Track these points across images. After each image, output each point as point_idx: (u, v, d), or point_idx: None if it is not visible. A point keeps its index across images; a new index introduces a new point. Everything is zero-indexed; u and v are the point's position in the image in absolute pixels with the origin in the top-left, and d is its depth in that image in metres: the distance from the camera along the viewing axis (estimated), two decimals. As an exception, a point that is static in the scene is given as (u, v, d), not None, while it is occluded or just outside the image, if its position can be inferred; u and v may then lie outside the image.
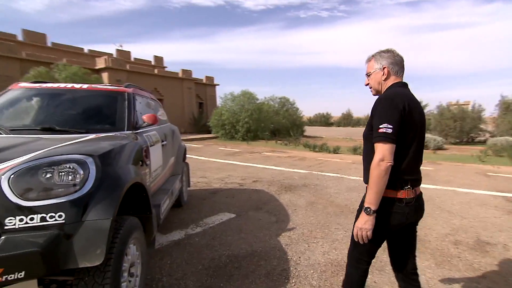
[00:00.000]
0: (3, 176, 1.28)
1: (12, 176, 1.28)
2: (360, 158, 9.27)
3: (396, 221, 1.39)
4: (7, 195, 1.24)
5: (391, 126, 1.29)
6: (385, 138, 1.29)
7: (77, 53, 21.01)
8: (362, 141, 1.55)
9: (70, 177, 1.39)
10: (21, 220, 1.23)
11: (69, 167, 1.41)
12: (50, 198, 1.31)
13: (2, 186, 1.25)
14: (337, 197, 4.74)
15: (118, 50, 24.39)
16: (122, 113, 2.43)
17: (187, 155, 4.74)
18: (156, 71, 20.91)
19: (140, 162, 2.11)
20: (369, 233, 1.33)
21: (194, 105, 23.02)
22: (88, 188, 1.43)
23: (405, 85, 1.50)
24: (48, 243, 1.21)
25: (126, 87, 2.79)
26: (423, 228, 3.38)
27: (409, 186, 1.38)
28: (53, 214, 1.28)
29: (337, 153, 10.71)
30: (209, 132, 19.01)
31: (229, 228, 3.34)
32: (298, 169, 7.30)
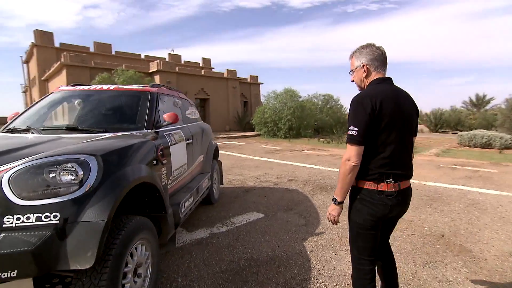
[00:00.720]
0: (5, 175, 1.33)
1: (12, 175, 1.33)
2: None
3: (380, 212, 1.46)
4: (6, 194, 1.29)
5: (356, 129, 1.38)
6: (350, 140, 1.40)
7: (135, 59, 22.87)
8: (413, 140, 1.59)
9: (68, 177, 1.41)
10: (18, 219, 1.27)
11: (69, 167, 1.42)
12: (47, 198, 1.33)
13: (3, 185, 1.30)
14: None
15: (170, 54, 25.93)
16: (142, 112, 2.46)
17: (228, 153, 4.75)
18: (202, 72, 21.75)
19: (154, 162, 2.10)
20: (336, 218, 1.54)
21: (239, 103, 23.41)
22: (87, 189, 1.43)
23: (386, 80, 1.51)
24: (40, 243, 1.23)
25: (151, 86, 2.84)
26: (477, 242, 2.90)
27: (390, 179, 1.44)
28: (48, 214, 1.30)
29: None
30: (253, 130, 19.16)
31: (254, 229, 3.24)
32: (338, 168, 6.89)
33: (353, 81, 1.62)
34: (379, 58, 1.50)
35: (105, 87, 2.70)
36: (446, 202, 4.18)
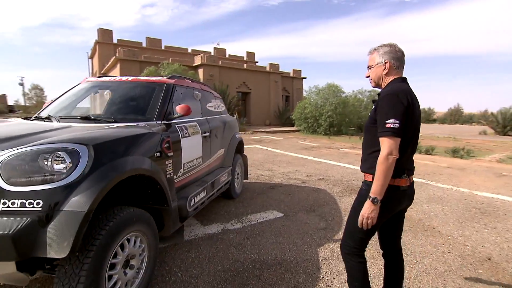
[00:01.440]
0: None
1: (2, 161, 1.38)
2: (458, 161, 7.68)
3: (393, 206, 1.53)
4: None
5: (398, 121, 1.37)
6: (392, 132, 1.37)
7: (182, 53, 23.85)
8: (464, 140, 1.64)
9: (57, 165, 1.42)
10: (4, 203, 1.31)
11: (58, 156, 1.43)
12: (33, 185, 1.35)
13: None
14: (412, 207, 3.89)
15: (215, 48, 26.56)
16: (154, 103, 2.46)
17: (262, 147, 4.66)
18: (245, 65, 21.83)
19: (158, 154, 2.07)
20: (375, 221, 1.44)
21: (280, 98, 23.15)
22: (74, 178, 1.43)
23: (405, 80, 1.56)
24: (20, 229, 1.25)
25: (169, 78, 2.84)
26: (531, 268, 2.41)
27: (405, 174, 1.51)
28: (32, 201, 1.32)
29: (429, 154, 9.03)
30: (293, 125, 18.83)
31: (269, 229, 3.11)
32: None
33: (368, 76, 1.64)
34: (401, 58, 1.55)
35: (124, 78, 2.76)
36: (502, 218, 3.58)
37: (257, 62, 28.01)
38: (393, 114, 1.37)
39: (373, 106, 1.55)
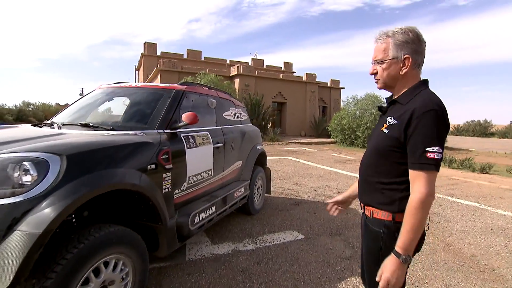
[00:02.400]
0: None
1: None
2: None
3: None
4: None
5: (441, 151, 1.03)
6: (436, 166, 1.02)
7: (220, 64, 24.48)
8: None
9: (24, 176, 1.26)
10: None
11: (23, 166, 1.28)
12: (-12, 199, 1.20)
13: None
14: (462, 239, 3.26)
15: (253, 59, 26.88)
16: (159, 111, 2.30)
17: (294, 159, 4.37)
18: (281, 76, 21.66)
19: (153, 166, 1.87)
20: (401, 283, 1.07)
21: (316, 108, 22.54)
22: (38, 192, 1.26)
23: (428, 83, 1.16)
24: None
25: (180, 84, 2.68)
26: None
27: None
28: (-16, 217, 1.16)
29: (486, 172, 7.90)
30: (329, 137, 18.09)
31: (284, 253, 2.75)
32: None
33: (375, 73, 1.19)
34: (424, 51, 1.13)
35: (134, 84, 2.65)
36: None
37: (295, 72, 27.74)
38: (439, 140, 1.02)
39: (391, 120, 1.12)
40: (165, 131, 2.18)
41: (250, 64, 24.93)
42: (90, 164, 1.47)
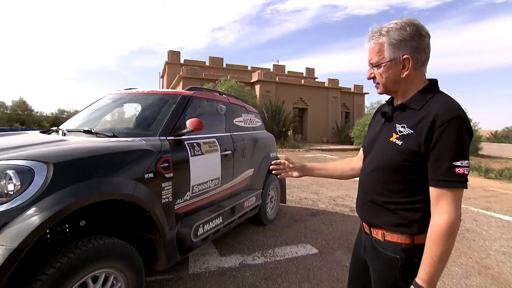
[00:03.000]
0: None
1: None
2: None
3: None
4: None
5: (468, 165, 0.87)
6: (465, 183, 0.87)
7: (242, 71, 24.67)
8: None
9: (3, 186, 1.21)
10: None
11: (8, 175, 1.22)
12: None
13: None
14: (502, 261, 2.90)
15: (274, 65, 26.88)
16: (163, 117, 2.22)
17: None
18: (302, 81, 21.42)
19: (151, 175, 1.78)
20: None
21: (339, 114, 22.01)
22: (20, 202, 1.20)
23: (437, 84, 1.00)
24: None
25: (188, 89, 2.61)
26: None
27: None
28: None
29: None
30: (351, 144, 17.54)
31: (295, 269, 2.56)
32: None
33: (373, 78, 1.03)
34: (428, 47, 0.96)
35: (141, 90, 2.61)
36: None
37: (317, 78, 27.36)
38: (466, 152, 0.87)
39: (404, 130, 0.95)
40: (168, 138, 2.09)
41: (271, 70, 24.90)
42: (79, 173, 1.40)
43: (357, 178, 1.19)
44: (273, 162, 1.35)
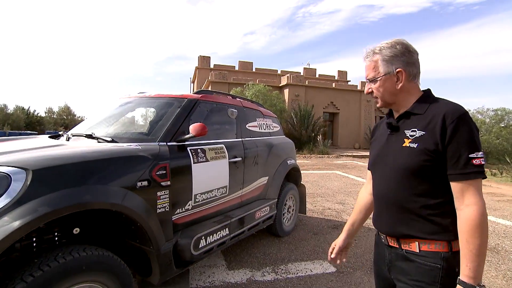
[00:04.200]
0: None
1: None
2: None
3: None
4: None
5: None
6: (482, 173, 0.92)
7: (272, 74, 24.59)
8: None
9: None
10: None
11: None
12: None
13: None
14: (556, 295, 2.42)
15: (305, 69, 26.49)
16: (165, 121, 2.12)
17: (343, 174, 3.97)
18: (333, 85, 20.80)
19: (145, 183, 1.68)
20: None
21: (372, 119, 21.00)
22: (-7, 211, 1.13)
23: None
24: None
25: (196, 93, 2.50)
26: None
27: None
28: None
29: None
30: (386, 150, 16.58)
31: (307, 290, 2.32)
32: (496, 217, 4.63)
33: (371, 92, 1.11)
34: (417, 62, 1.07)
35: (148, 94, 2.55)
36: None
37: (349, 81, 26.46)
38: (477, 144, 0.92)
39: (415, 133, 1.00)
40: (169, 143, 1.99)
41: (302, 73, 24.51)
42: (61, 180, 1.32)
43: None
44: (328, 260, 1.35)
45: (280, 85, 19.43)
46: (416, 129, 1.00)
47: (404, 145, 1.01)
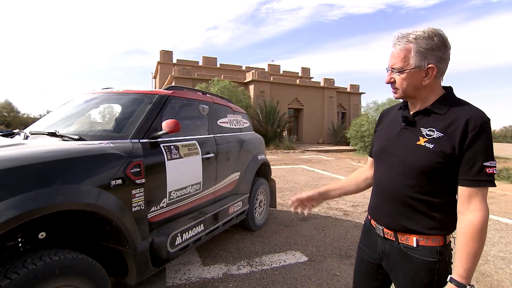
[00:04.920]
0: None
1: None
2: None
3: None
4: None
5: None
6: (493, 182, 0.92)
7: (236, 70, 24.50)
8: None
9: None
10: None
11: None
12: None
13: None
14: (501, 267, 2.77)
15: (269, 65, 26.75)
16: (136, 118, 2.06)
17: (308, 168, 4.05)
18: (298, 81, 21.31)
19: (119, 181, 1.62)
20: None
21: (335, 114, 21.92)
22: None
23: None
24: None
25: (166, 89, 2.45)
26: None
27: None
28: None
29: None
30: (348, 144, 17.46)
31: (282, 279, 2.41)
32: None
33: (392, 82, 1.04)
34: (449, 59, 0.99)
35: (115, 89, 2.44)
36: None
37: (312, 77, 27.28)
38: (492, 153, 0.94)
39: (433, 133, 0.98)
40: (141, 140, 1.93)
41: (266, 70, 24.75)
42: (28, 181, 1.23)
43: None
44: (289, 203, 1.36)
45: (245, 81, 19.48)
46: (434, 129, 0.98)
47: (418, 143, 0.99)
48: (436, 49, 0.95)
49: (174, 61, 23.60)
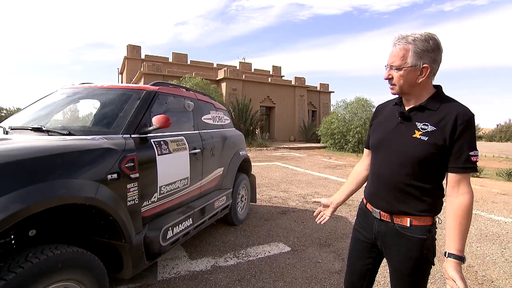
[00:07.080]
0: None
1: None
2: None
3: None
4: None
5: None
6: (476, 168, 1.09)
7: (207, 68, 24.22)
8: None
9: None
10: None
11: None
12: None
13: None
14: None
15: (240, 63, 26.76)
16: (126, 113, 2.05)
17: (282, 165, 4.15)
18: (269, 80, 21.57)
19: (114, 175, 1.63)
20: None
21: (306, 112, 22.51)
22: None
23: None
24: None
25: (152, 85, 2.45)
26: None
27: None
28: None
29: (476, 176, 7.87)
30: (318, 142, 18.03)
31: (269, 268, 2.52)
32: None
33: (390, 78, 1.16)
34: (441, 61, 1.12)
35: (100, 85, 2.39)
36: None
37: (283, 76, 27.74)
38: (476, 143, 1.10)
39: (427, 127, 1.11)
40: (132, 136, 1.93)
41: (238, 67, 24.76)
42: (27, 176, 1.22)
43: (326, 176, 1.39)
44: (315, 215, 1.52)
45: (217, 78, 19.35)
46: (428, 124, 1.10)
47: (414, 136, 1.12)
48: (431, 51, 1.07)
49: (143, 56, 22.79)
